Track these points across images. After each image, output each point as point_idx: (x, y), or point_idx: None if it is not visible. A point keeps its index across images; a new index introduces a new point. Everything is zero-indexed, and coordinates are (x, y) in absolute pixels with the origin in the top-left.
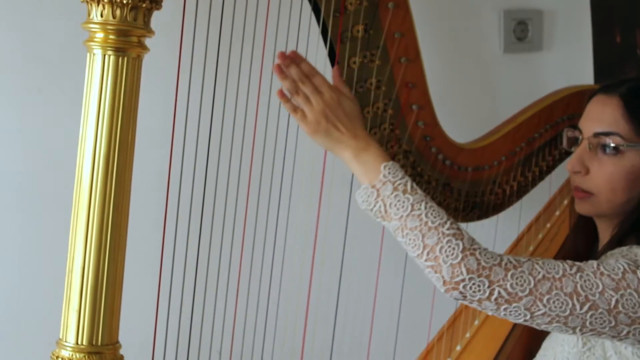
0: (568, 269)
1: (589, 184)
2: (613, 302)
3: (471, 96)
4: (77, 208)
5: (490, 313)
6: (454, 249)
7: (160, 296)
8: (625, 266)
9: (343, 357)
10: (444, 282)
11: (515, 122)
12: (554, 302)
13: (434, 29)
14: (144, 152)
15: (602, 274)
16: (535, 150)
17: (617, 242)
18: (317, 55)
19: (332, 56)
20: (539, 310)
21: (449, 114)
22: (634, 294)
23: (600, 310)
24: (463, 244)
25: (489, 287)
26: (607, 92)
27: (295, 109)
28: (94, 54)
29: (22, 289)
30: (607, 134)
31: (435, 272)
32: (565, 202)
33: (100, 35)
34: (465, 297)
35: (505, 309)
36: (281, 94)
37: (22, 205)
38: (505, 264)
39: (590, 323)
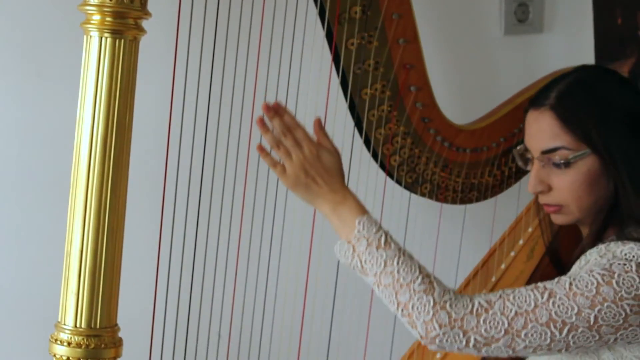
0: (540, 297)
1: (555, 198)
2: (592, 319)
3: (471, 78)
4: (75, 190)
5: (475, 354)
6: (425, 305)
7: (159, 279)
8: (599, 278)
9: (342, 333)
10: (421, 337)
11: (514, 104)
12: (532, 334)
13: (433, 10)
14: (141, 135)
15: (575, 294)
16: None
17: (595, 238)
18: (315, 38)
19: (329, 38)
20: (520, 345)
21: (448, 96)
22: (612, 305)
23: (580, 330)
24: (434, 299)
25: (464, 336)
26: (537, 105)
27: (275, 163)
28: (90, 36)
29: (20, 273)
30: (552, 151)
31: (412, 327)
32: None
33: (96, 17)
34: (444, 348)
35: (486, 351)
36: (260, 148)
37: (20, 189)
38: (477, 310)
39: (574, 342)
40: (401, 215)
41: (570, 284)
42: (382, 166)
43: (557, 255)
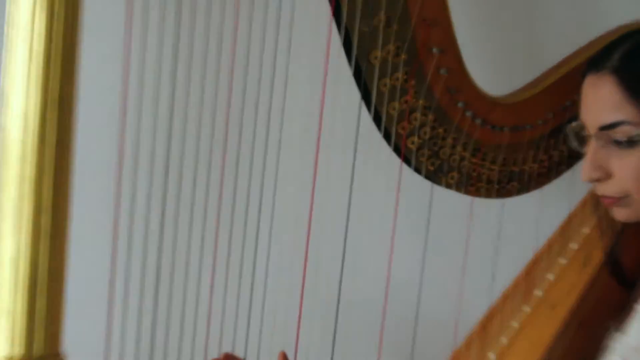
0: None
1: (616, 188)
2: None
3: (508, 37)
4: (4, 184)
5: None
6: None
7: (117, 292)
8: None
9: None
10: None
11: (566, 69)
12: None
13: None
14: (89, 109)
15: None
16: None
17: None
18: None
19: None
20: None
21: (480, 60)
22: None
23: None
24: None
25: None
26: (596, 69)
27: None
28: None
29: None
30: (613, 126)
31: None
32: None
33: None
34: None
35: None
36: None
37: None
38: None
39: None
40: (421, 212)
41: None
42: (397, 150)
43: (619, 264)
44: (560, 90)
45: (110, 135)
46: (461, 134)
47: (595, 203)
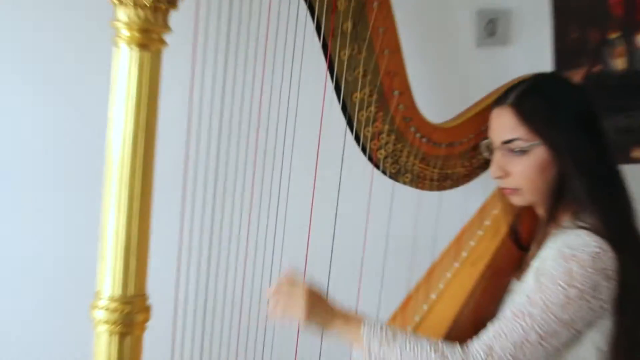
0: (524, 324)
1: (512, 183)
2: (570, 321)
3: (446, 83)
4: (109, 182)
5: None
6: None
7: (182, 254)
8: (564, 285)
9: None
10: None
11: (482, 105)
12: (531, 353)
13: (416, 25)
14: (165, 132)
15: (549, 308)
16: None
17: (550, 219)
18: (313, 49)
19: (325, 49)
20: None
21: (426, 98)
22: (581, 302)
23: (565, 333)
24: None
25: None
26: (500, 104)
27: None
28: (120, 48)
29: (68, 253)
30: (510, 141)
31: None
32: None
33: (126, 32)
34: None
35: None
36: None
37: (64, 182)
38: (485, 358)
39: (561, 342)
40: (386, 201)
41: (544, 300)
42: (370, 159)
43: (518, 233)
44: (478, 120)
45: (179, 152)
46: (413, 148)
47: (501, 193)
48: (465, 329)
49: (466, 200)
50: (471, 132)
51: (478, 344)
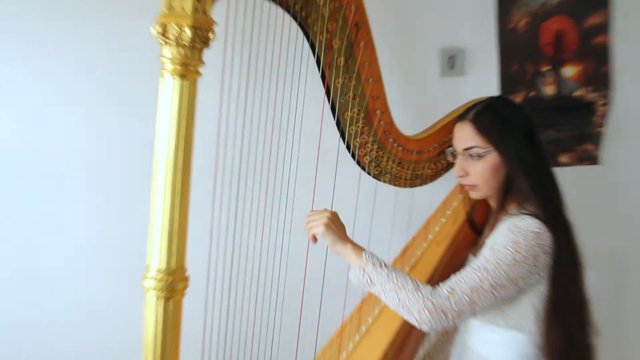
0: (480, 275)
1: (471, 180)
2: (514, 278)
3: (417, 104)
4: (156, 177)
5: (452, 326)
6: (417, 299)
7: (212, 236)
8: (512, 250)
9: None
10: (417, 320)
11: (445, 121)
12: (484, 300)
13: (393, 59)
14: (199, 143)
15: (500, 265)
16: None
17: (500, 209)
18: (314, 78)
19: (323, 77)
20: (477, 309)
21: (401, 116)
22: (523, 264)
23: (510, 287)
24: (422, 294)
25: (444, 315)
26: (462, 119)
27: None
28: (165, 78)
29: (125, 232)
30: (470, 148)
31: (409, 315)
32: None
33: (170, 65)
34: (433, 326)
35: (459, 320)
36: (314, 238)
37: (124, 181)
38: (448, 296)
39: (507, 295)
40: (370, 195)
41: (496, 259)
42: (358, 163)
43: (473, 220)
44: (441, 133)
45: (210, 157)
46: (391, 155)
47: (461, 188)
48: None
49: (432, 195)
50: (436, 142)
51: (443, 286)
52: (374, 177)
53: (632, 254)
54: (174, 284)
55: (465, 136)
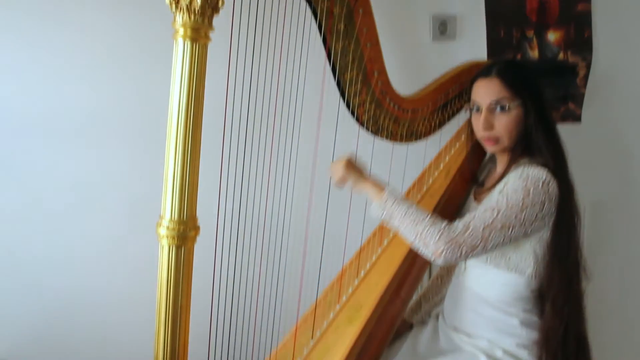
0: (493, 214)
1: (495, 133)
2: (522, 219)
3: (412, 67)
4: (169, 135)
5: (469, 257)
6: (434, 233)
7: (222, 188)
8: (523, 194)
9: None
10: (432, 253)
11: (438, 82)
12: (495, 237)
13: (388, 25)
14: (209, 105)
15: (512, 207)
16: (449, 99)
17: (513, 160)
18: (316, 42)
19: (325, 42)
20: (489, 246)
21: (397, 78)
22: (531, 209)
23: (517, 227)
24: (438, 228)
25: (458, 249)
26: (487, 75)
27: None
28: (177, 42)
29: (140, 187)
30: (498, 101)
31: (425, 247)
32: (463, 137)
33: (182, 30)
34: (447, 259)
35: (471, 255)
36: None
37: (140, 137)
38: (462, 231)
39: (515, 236)
40: (368, 150)
41: (508, 202)
42: (357, 120)
43: (472, 170)
44: (435, 93)
45: (220, 115)
46: (388, 113)
47: (468, 142)
48: None
49: (426, 150)
50: (429, 101)
51: (458, 221)
52: (372, 133)
53: (611, 207)
54: (186, 232)
55: (493, 90)
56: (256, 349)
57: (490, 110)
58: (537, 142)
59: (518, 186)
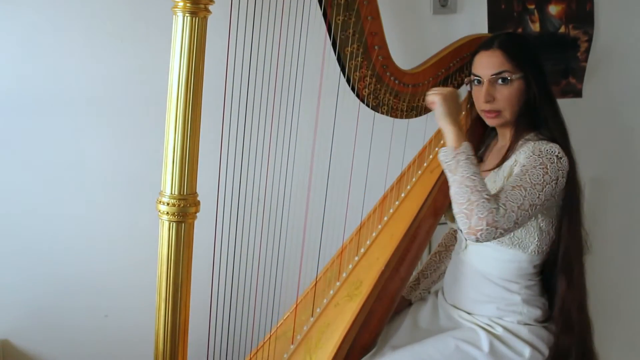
0: (522, 193)
1: (497, 106)
2: (543, 197)
3: (412, 41)
4: (170, 109)
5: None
6: (484, 208)
7: (221, 164)
8: (541, 171)
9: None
10: (469, 227)
11: (439, 56)
12: (524, 217)
13: (389, 0)
14: (208, 77)
15: (535, 185)
16: (450, 74)
17: (518, 135)
18: (316, 16)
19: (325, 15)
20: (518, 225)
21: (398, 52)
22: (549, 185)
23: (539, 204)
24: (489, 207)
25: (495, 231)
26: (489, 47)
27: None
28: (177, 16)
29: (137, 161)
30: (500, 73)
31: (467, 218)
32: (464, 112)
33: (181, 3)
34: (480, 239)
35: (502, 236)
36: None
37: (139, 111)
38: (502, 213)
39: (536, 213)
40: (368, 125)
41: (531, 179)
42: (358, 95)
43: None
44: (436, 67)
45: (219, 89)
46: (388, 88)
47: (469, 113)
48: (426, 212)
49: (426, 126)
50: (430, 76)
51: (496, 202)
52: (372, 108)
53: (611, 182)
54: (186, 208)
55: (494, 62)
56: (257, 325)
57: (492, 82)
58: (544, 115)
59: (535, 162)
